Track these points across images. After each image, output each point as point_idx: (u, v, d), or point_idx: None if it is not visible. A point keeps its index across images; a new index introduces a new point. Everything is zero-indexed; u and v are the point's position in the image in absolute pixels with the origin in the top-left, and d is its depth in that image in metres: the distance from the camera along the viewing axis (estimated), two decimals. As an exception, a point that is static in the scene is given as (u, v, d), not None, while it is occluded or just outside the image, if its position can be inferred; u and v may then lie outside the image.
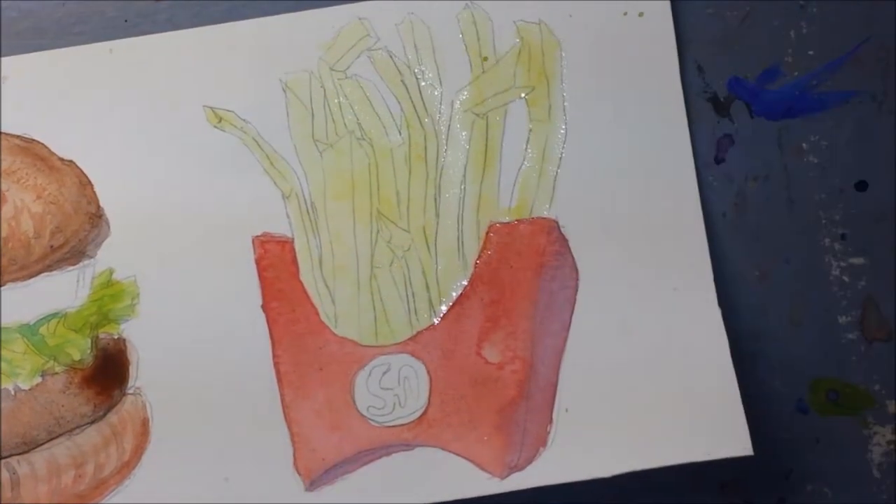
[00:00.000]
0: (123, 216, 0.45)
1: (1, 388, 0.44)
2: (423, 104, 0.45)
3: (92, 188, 0.45)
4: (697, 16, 0.46)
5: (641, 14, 0.45)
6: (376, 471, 0.45)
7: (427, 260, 0.45)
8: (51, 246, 0.44)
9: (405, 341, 0.45)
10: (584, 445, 0.44)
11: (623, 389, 0.45)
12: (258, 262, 0.45)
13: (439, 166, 0.45)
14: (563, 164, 0.45)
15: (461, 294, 0.45)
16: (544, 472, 0.44)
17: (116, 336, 0.45)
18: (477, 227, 0.45)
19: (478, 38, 0.45)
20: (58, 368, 0.44)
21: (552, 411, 0.45)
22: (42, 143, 0.45)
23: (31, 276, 0.45)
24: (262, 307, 0.45)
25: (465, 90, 0.45)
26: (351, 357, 0.45)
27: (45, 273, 0.45)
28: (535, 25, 0.45)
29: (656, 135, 0.45)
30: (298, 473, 0.44)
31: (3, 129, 0.45)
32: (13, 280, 0.45)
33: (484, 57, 0.45)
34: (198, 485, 0.44)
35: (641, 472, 0.44)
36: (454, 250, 0.45)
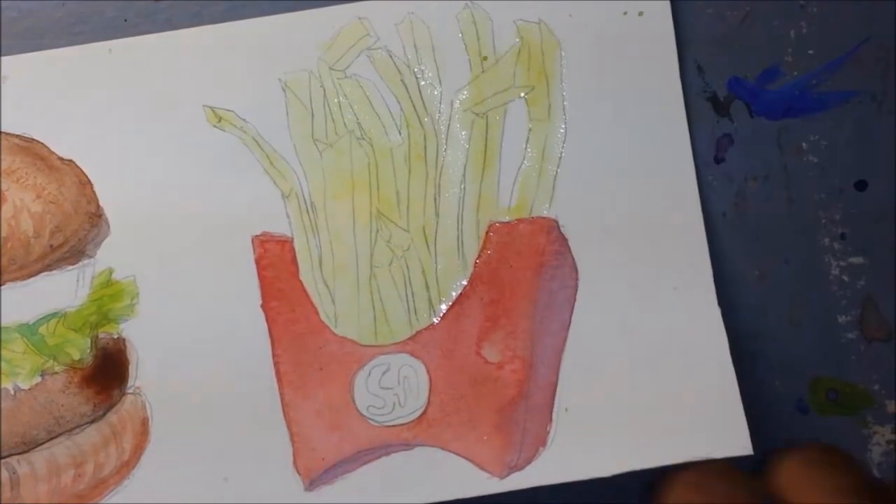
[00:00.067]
0: (123, 216, 0.45)
1: (0, 388, 0.44)
2: (423, 104, 0.45)
3: (91, 188, 0.45)
4: (697, 15, 0.46)
5: (641, 13, 0.45)
6: (376, 470, 0.45)
7: (427, 259, 0.45)
8: (50, 245, 0.44)
9: (405, 341, 0.45)
10: (584, 445, 0.44)
11: (623, 389, 0.45)
12: (258, 262, 0.45)
13: (439, 166, 0.45)
14: (563, 164, 0.45)
15: (461, 294, 0.45)
16: (544, 472, 0.44)
17: (116, 336, 0.45)
18: (477, 227, 0.45)
19: (478, 38, 0.45)
20: (57, 368, 0.44)
21: (552, 411, 0.45)
22: (42, 143, 0.45)
23: (31, 276, 0.45)
24: (262, 307, 0.45)
25: (465, 90, 0.45)
26: (351, 357, 0.45)
27: (45, 273, 0.45)
28: (535, 25, 0.45)
29: (656, 134, 0.45)
30: (298, 473, 0.44)
31: (3, 129, 0.45)
32: (13, 280, 0.45)
33: (484, 56, 0.45)
34: (197, 484, 0.44)
35: (641, 472, 0.44)
36: (454, 250, 0.45)
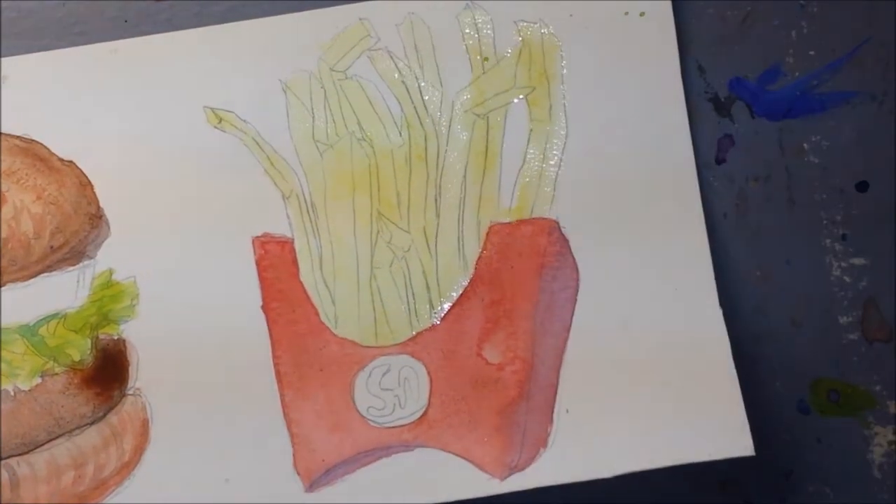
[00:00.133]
0: (123, 216, 0.45)
1: (1, 389, 0.44)
2: (424, 104, 0.45)
3: (92, 189, 0.45)
4: (698, 16, 0.46)
5: (643, 14, 0.45)
6: (376, 472, 0.45)
7: (427, 260, 0.45)
8: (51, 246, 0.44)
9: (405, 342, 0.45)
10: (585, 446, 0.44)
11: (624, 390, 0.45)
12: (258, 263, 0.45)
13: (440, 167, 0.45)
14: (564, 165, 0.45)
15: (461, 294, 0.45)
16: (544, 473, 0.44)
17: (116, 337, 0.45)
18: (477, 228, 0.45)
19: (478, 39, 0.45)
20: (57, 369, 0.44)
21: (552, 412, 0.45)
22: (42, 144, 0.45)
23: (31, 277, 0.45)
24: (263, 308, 0.45)
25: (466, 90, 0.45)
26: (351, 358, 0.45)
27: (45, 273, 0.45)
28: (536, 25, 0.45)
29: (657, 135, 0.45)
30: (298, 474, 0.44)
31: (3, 130, 0.45)
32: (13, 280, 0.44)
33: (484, 57, 0.45)
34: (198, 485, 0.44)
35: (642, 472, 0.44)
36: (454, 251, 0.45)
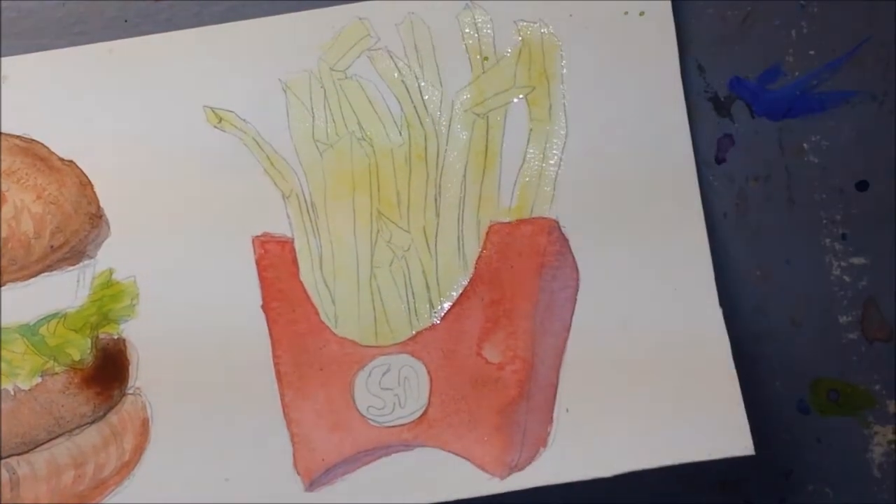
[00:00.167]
0: (123, 216, 0.45)
1: (1, 389, 0.44)
2: (424, 104, 0.45)
3: (92, 188, 0.45)
4: (698, 15, 0.46)
5: (642, 13, 0.45)
6: (376, 471, 0.45)
7: (427, 260, 0.45)
8: (51, 246, 0.44)
9: (405, 341, 0.45)
10: (585, 445, 0.44)
11: (623, 389, 0.45)
12: (258, 263, 0.45)
13: (439, 166, 0.45)
14: (564, 164, 0.45)
15: (461, 294, 0.45)
16: (544, 473, 0.44)
17: (116, 336, 0.45)
18: (477, 227, 0.45)
19: (478, 38, 0.45)
20: (57, 369, 0.44)
21: (552, 411, 0.45)
22: (42, 144, 0.45)
23: (31, 277, 0.45)
24: (263, 307, 0.45)
25: (466, 90, 0.45)
26: (351, 357, 0.45)
27: (45, 273, 0.45)
28: (536, 25, 0.45)
29: (657, 134, 0.45)
30: (298, 473, 0.44)
31: (3, 129, 0.45)
32: (13, 280, 0.45)
33: (484, 57, 0.45)
34: (198, 485, 0.44)
35: (642, 472, 0.44)
36: (454, 250, 0.45)
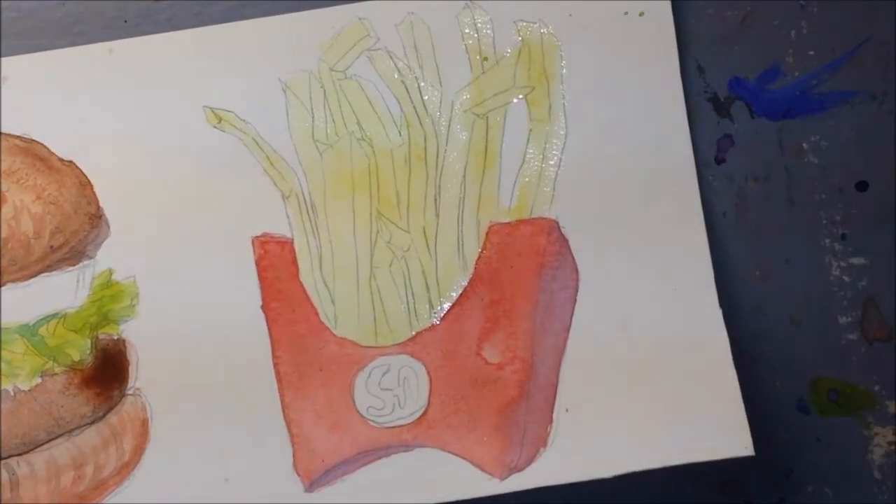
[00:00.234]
0: (123, 216, 0.45)
1: (0, 389, 0.44)
2: (423, 104, 0.45)
3: (92, 188, 0.45)
4: (698, 16, 0.46)
5: (642, 14, 0.45)
6: (376, 471, 0.45)
7: (427, 260, 0.45)
8: (50, 246, 0.44)
9: (405, 342, 0.45)
10: (584, 446, 0.44)
11: (623, 389, 0.45)
12: (258, 263, 0.45)
13: (439, 166, 0.45)
14: (563, 165, 0.45)
15: (461, 294, 0.45)
16: (544, 473, 0.44)
17: (116, 337, 0.45)
18: (477, 228, 0.45)
19: (478, 39, 0.45)
20: (57, 369, 0.44)
21: (552, 412, 0.45)
22: (42, 144, 0.45)
23: (31, 277, 0.45)
24: (262, 308, 0.45)
25: (465, 90, 0.45)
26: (351, 358, 0.45)
27: (45, 273, 0.45)
28: (535, 25, 0.45)
29: (657, 135, 0.45)
30: (298, 474, 0.44)
31: (3, 130, 0.45)
32: (13, 280, 0.45)
33: (484, 57, 0.45)
34: (197, 485, 0.44)
35: (642, 472, 0.44)
36: (454, 250, 0.45)
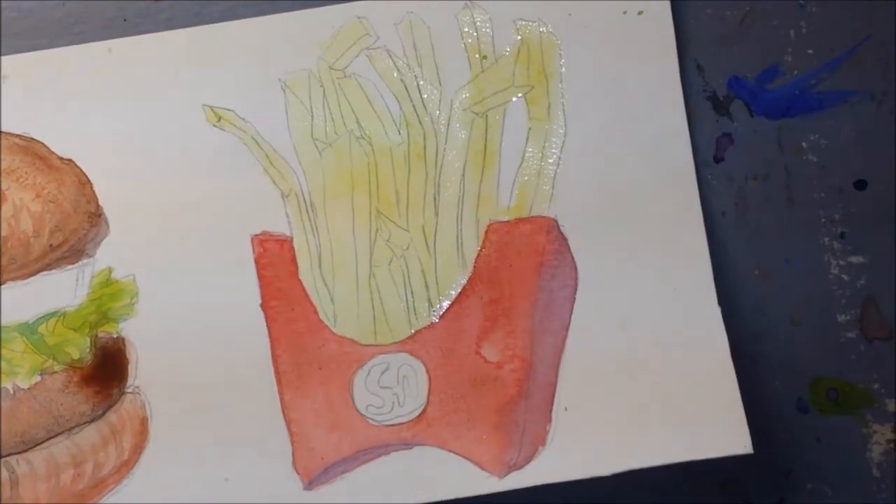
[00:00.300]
0: (123, 215, 0.45)
1: (0, 387, 0.44)
2: (423, 103, 0.45)
3: (91, 187, 0.45)
4: (697, 15, 0.46)
5: (641, 13, 0.45)
6: (375, 470, 0.44)
7: (426, 259, 0.45)
8: (50, 245, 0.44)
9: (404, 340, 0.45)
10: (584, 444, 0.44)
11: (622, 388, 0.44)
12: (257, 261, 0.45)
13: (438, 165, 0.45)
14: (563, 163, 0.45)
15: (460, 293, 0.45)
16: (543, 471, 0.44)
17: (115, 335, 0.45)
18: (476, 226, 0.45)
19: (477, 37, 0.45)
20: (57, 367, 0.44)
21: (551, 410, 0.45)
22: (41, 143, 0.45)
23: (31, 275, 0.45)
24: (262, 306, 0.45)
25: (465, 89, 0.45)
26: (350, 356, 0.45)
27: (45, 272, 0.45)
28: (535, 24, 0.45)
29: (656, 134, 0.45)
30: (297, 473, 0.44)
31: (3, 128, 0.45)
32: (12, 279, 0.45)
33: (483, 56, 0.45)
34: (197, 484, 0.44)
35: (641, 472, 0.44)
36: (453, 249, 0.45)
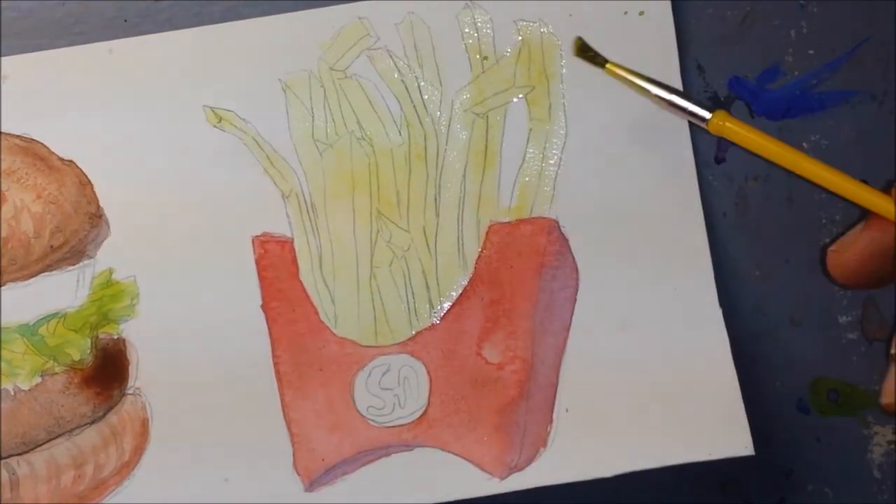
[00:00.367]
0: (123, 216, 0.45)
1: (0, 389, 0.44)
2: (423, 104, 0.45)
3: (92, 188, 0.45)
4: (698, 15, 0.46)
5: (642, 13, 0.45)
6: (376, 471, 0.45)
7: (427, 260, 0.45)
8: (50, 246, 0.44)
9: (405, 341, 0.45)
10: (585, 445, 0.44)
11: (623, 389, 0.45)
12: (258, 262, 0.45)
13: (439, 166, 0.45)
14: (564, 164, 0.45)
15: (461, 294, 0.45)
16: (544, 473, 0.44)
17: (116, 336, 0.45)
18: (477, 227, 0.45)
19: (478, 38, 0.45)
20: (57, 369, 0.44)
21: (552, 411, 0.45)
22: (42, 143, 0.45)
23: (31, 276, 0.45)
24: (262, 307, 0.45)
25: (465, 90, 0.45)
26: (351, 357, 0.45)
27: (45, 273, 0.45)
28: (535, 25, 0.45)
29: (656, 134, 0.45)
30: (298, 474, 0.44)
31: (3, 129, 0.45)
32: (13, 280, 0.44)
33: (484, 56, 0.45)
34: (197, 485, 0.44)
35: (642, 472, 0.44)
36: (454, 250, 0.45)
